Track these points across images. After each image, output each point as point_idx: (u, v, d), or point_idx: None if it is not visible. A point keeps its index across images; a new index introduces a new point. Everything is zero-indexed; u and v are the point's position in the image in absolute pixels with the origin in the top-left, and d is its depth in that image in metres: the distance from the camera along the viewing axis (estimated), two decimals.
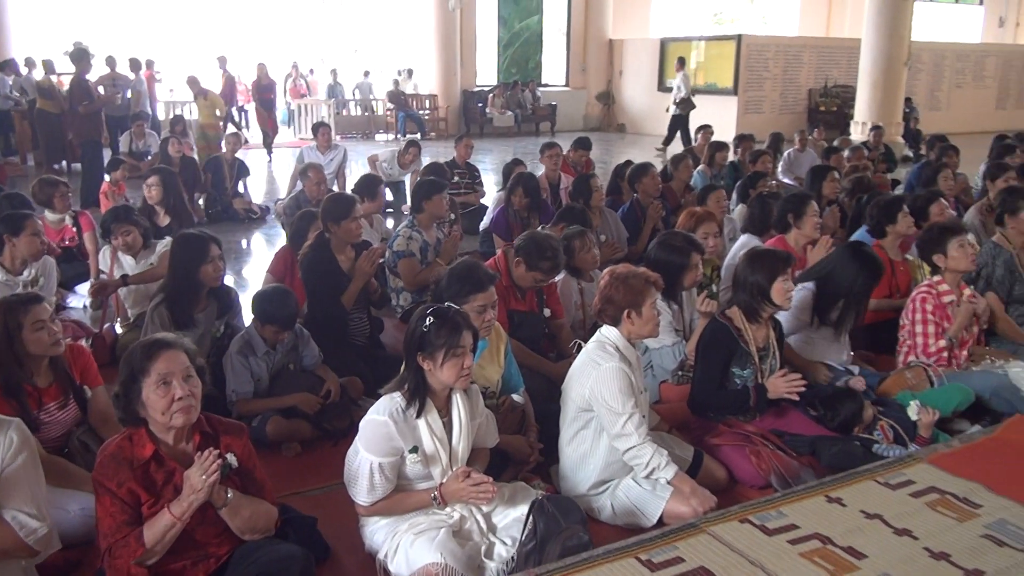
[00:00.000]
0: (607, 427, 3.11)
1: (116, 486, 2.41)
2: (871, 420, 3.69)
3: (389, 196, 9.59)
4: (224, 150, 10.05)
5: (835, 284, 4.15)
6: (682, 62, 17.54)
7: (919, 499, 2.96)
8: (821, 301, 4.20)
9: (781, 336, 3.83)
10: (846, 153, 9.81)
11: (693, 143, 16.14)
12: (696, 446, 3.54)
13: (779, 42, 20.44)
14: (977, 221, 6.33)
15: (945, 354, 4.16)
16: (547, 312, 4.44)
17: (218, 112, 12.97)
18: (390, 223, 8.27)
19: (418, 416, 2.81)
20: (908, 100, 16.70)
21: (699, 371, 3.71)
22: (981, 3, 27.27)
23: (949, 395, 3.88)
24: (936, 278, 4.28)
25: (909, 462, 3.25)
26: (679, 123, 16.71)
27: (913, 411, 3.63)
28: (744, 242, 5.30)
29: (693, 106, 16.64)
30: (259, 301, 3.97)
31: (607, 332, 3.25)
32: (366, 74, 20.71)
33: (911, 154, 15.22)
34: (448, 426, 2.89)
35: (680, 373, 4.09)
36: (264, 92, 14.77)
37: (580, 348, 3.40)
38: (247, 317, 4.23)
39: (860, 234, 5.31)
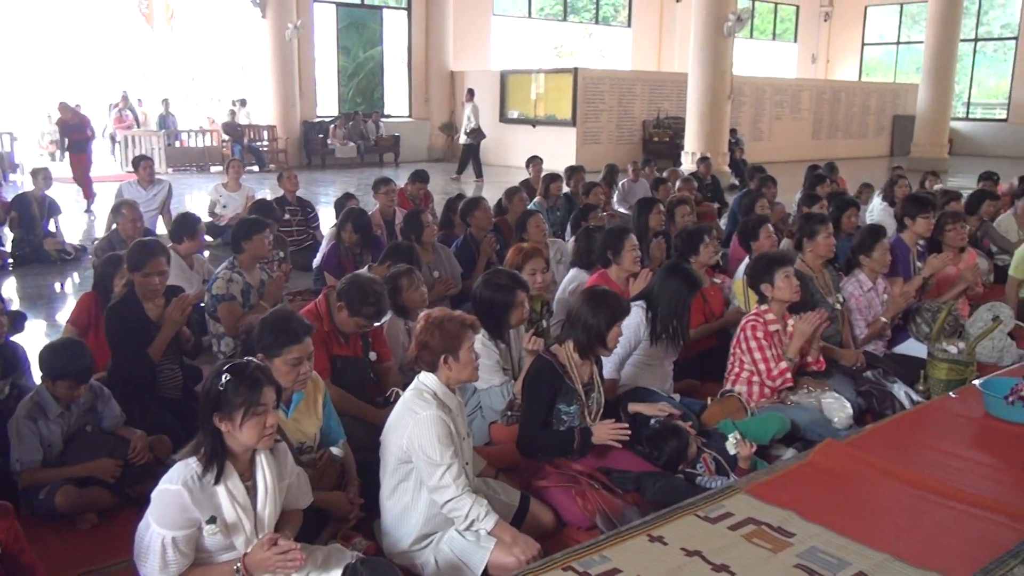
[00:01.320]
0: (425, 479, 2.98)
1: None
2: (695, 455, 3.75)
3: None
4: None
5: (657, 301, 4.28)
6: (471, 93, 18.02)
7: (737, 531, 3.00)
8: (649, 321, 4.30)
9: (600, 369, 3.85)
10: (678, 184, 10.18)
11: (483, 175, 17.04)
12: (524, 489, 3.46)
13: (613, 75, 21.17)
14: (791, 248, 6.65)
15: (789, 375, 4.29)
16: (373, 355, 4.26)
17: None
18: None
19: (216, 483, 2.58)
20: (734, 131, 17.62)
21: (525, 410, 3.65)
22: (795, 41, 29.47)
23: (767, 424, 4.00)
24: (763, 307, 4.42)
25: (728, 493, 3.30)
26: (471, 152, 17.44)
27: (731, 445, 3.70)
28: (573, 276, 5.35)
29: (483, 135, 17.42)
30: (47, 355, 3.60)
31: (424, 379, 3.13)
32: (239, 103, 19.92)
33: (737, 183, 16.04)
34: (252, 490, 2.67)
35: (509, 413, 4.00)
36: (72, 133, 12.72)
37: (398, 396, 3.25)
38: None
39: None
